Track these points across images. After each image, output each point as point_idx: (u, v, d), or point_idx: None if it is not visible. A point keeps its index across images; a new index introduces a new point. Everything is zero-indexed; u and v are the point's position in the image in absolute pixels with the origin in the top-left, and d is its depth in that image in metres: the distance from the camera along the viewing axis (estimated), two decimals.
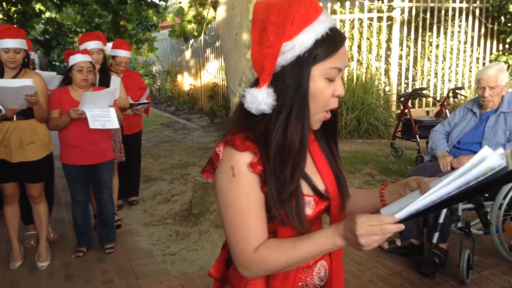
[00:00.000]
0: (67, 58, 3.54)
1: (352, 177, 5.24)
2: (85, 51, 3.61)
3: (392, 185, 1.30)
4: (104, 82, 4.02)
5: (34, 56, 3.95)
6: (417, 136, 5.84)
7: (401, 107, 6.48)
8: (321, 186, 1.21)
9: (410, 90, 8.50)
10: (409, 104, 6.19)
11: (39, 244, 3.64)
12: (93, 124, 3.41)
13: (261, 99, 1.08)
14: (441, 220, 3.14)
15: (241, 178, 1.08)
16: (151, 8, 10.08)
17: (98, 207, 3.84)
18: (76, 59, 3.46)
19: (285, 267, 1.10)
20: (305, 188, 1.15)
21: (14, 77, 3.29)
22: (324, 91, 1.10)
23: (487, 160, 0.97)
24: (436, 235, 3.14)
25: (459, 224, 3.23)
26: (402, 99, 6.43)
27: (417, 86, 8.80)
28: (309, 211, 1.16)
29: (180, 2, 10.83)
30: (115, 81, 4.06)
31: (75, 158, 3.55)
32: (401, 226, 1.02)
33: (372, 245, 1.01)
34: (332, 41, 1.08)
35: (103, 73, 4.08)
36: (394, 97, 8.47)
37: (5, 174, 3.42)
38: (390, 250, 3.51)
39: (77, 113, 3.38)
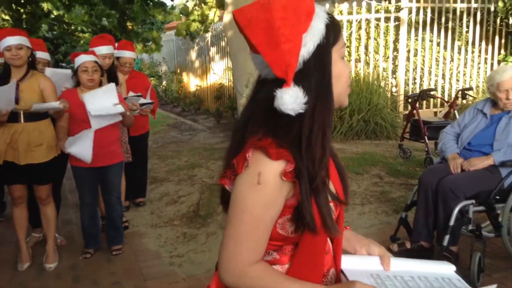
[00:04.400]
0: (73, 61, 3.55)
1: (360, 178, 5.21)
2: (90, 52, 3.62)
3: (351, 234, 1.33)
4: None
5: (46, 56, 3.95)
6: (425, 137, 5.80)
7: (409, 108, 6.44)
8: (334, 191, 1.18)
9: (417, 91, 8.45)
10: (417, 105, 6.14)
11: (47, 245, 3.64)
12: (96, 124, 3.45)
13: (291, 99, 1.02)
14: (451, 222, 3.11)
15: (265, 187, 1.03)
16: (158, 7, 10.11)
17: (106, 209, 3.83)
18: (81, 59, 3.46)
19: None
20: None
21: (22, 79, 3.30)
22: (345, 69, 1.15)
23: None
24: (447, 237, 3.11)
25: (470, 227, 3.19)
26: (410, 100, 6.39)
27: (425, 86, 8.75)
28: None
29: (186, 1, 10.86)
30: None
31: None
32: None
33: None
34: (335, 23, 1.12)
35: (111, 76, 4.09)
36: (401, 98, 8.43)
37: (13, 176, 3.42)
38: (399, 252, 3.48)
39: (64, 104, 3.34)
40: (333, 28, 1.10)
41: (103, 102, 3.43)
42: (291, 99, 1.02)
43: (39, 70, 3.69)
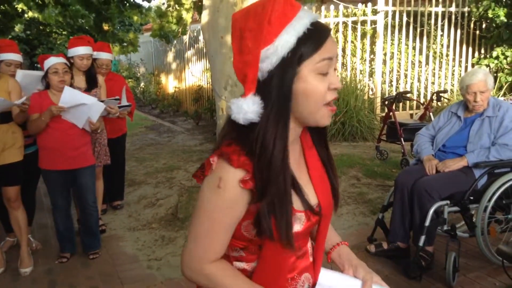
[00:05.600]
0: (42, 63, 3.52)
1: (338, 180, 5.25)
2: (60, 54, 3.62)
3: (345, 251, 1.33)
4: (91, 87, 4.02)
5: (19, 58, 3.89)
6: (402, 139, 5.89)
7: (386, 110, 6.53)
8: (313, 200, 1.18)
9: (394, 93, 8.57)
10: (394, 107, 6.23)
11: (21, 250, 3.57)
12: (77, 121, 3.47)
13: (246, 108, 1.04)
14: (427, 223, 3.16)
15: (224, 192, 1.06)
16: (134, 8, 10.03)
17: (81, 216, 3.78)
18: (51, 61, 3.43)
19: None
20: (296, 203, 1.12)
21: None
22: (317, 87, 1.06)
23: None
24: (422, 238, 3.16)
25: (445, 227, 3.25)
26: (386, 102, 6.48)
27: (401, 89, 8.88)
28: (299, 227, 1.13)
29: (163, 4, 10.81)
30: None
31: (56, 163, 3.49)
32: None
33: None
34: (316, 35, 1.05)
35: (90, 77, 4.05)
36: (378, 100, 8.53)
37: None
38: (376, 253, 3.52)
39: (59, 109, 3.34)
40: (309, 42, 1.05)
41: (78, 109, 3.43)
42: (237, 109, 1.05)
43: (11, 73, 3.65)
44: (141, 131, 9.73)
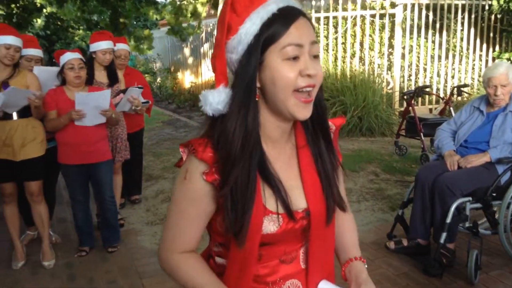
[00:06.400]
0: (58, 59, 3.54)
1: (356, 176, 5.21)
2: (76, 50, 3.63)
3: (356, 268, 1.20)
4: (113, 82, 4.06)
5: (39, 53, 3.91)
6: (421, 134, 5.81)
7: (404, 105, 6.44)
8: (300, 204, 1.10)
9: (413, 87, 8.46)
10: (413, 102, 6.15)
11: (43, 243, 3.60)
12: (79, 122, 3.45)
13: (211, 99, 1.04)
14: (448, 220, 3.10)
15: (189, 183, 1.06)
16: (150, 5, 10.06)
17: (100, 209, 3.81)
18: (66, 57, 3.45)
19: None
20: (273, 204, 1.05)
21: (10, 77, 3.30)
22: (284, 73, 1.00)
23: None
24: (444, 235, 3.11)
25: (467, 224, 3.19)
26: (405, 97, 6.39)
27: (420, 83, 8.76)
28: (272, 228, 1.06)
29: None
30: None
31: (74, 158, 3.51)
32: None
33: None
34: (282, 19, 1.00)
35: (111, 72, 4.07)
36: (396, 95, 8.43)
37: (5, 174, 3.39)
38: (396, 250, 3.48)
39: (78, 115, 3.36)
40: (273, 27, 1.00)
41: (92, 109, 3.42)
42: (204, 101, 1.06)
43: (31, 68, 3.67)
44: (158, 126, 9.77)
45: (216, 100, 1.03)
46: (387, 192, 4.78)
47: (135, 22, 13.30)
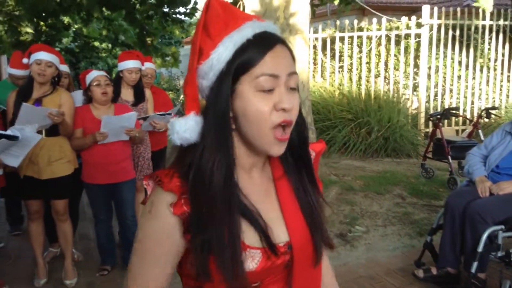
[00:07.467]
0: (83, 81, 3.58)
1: (382, 198, 5.10)
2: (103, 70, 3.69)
3: None
4: (139, 100, 4.08)
5: (65, 68, 3.96)
6: (449, 157, 5.68)
7: (430, 126, 6.33)
8: (282, 237, 0.99)
9: (439, 108, 8.33)
10: (440, 124, 6.03)
11: (65, 261, 3.60)
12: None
13: (178, 128, 0.94)
14: (480, 248, 2.99)
15: (155, 218, 0.95)
16: (176, 24, 10.21)
17: (120, 228, 3.79)
18: (93, 74, 3.50)
19: None
20: (252, 238, 0.95)
21: (45, 96, 3.31)
22: (258, 106, 0.91)
23: None
24: (475, 264, 2.99)
25: (499, 253, 3.07)
26: (432, 118, 6.28)
27: (446, 104, 8.62)
28: (251, 265, 0.94)
29: None
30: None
31: (98, 178, 3.52)
32: None
33: None
34: (256, 46, 0.92)
35: (138, 91, 4.10)
36: (422, 115, 8.31)
37: (31, 191, 3.41)
38: (425, 278, 3.36)
39: (103, 136, 3.38)
40: (247, 54, 0.92)
41: (117, 128, 3.44)
42: (171, 129, 0.97)
43: (60, 84, 3.70)
44: None
45: (183, 128, 0.94)
46: (414, 216, 4.66)
47: (160, 40, 13.53)
